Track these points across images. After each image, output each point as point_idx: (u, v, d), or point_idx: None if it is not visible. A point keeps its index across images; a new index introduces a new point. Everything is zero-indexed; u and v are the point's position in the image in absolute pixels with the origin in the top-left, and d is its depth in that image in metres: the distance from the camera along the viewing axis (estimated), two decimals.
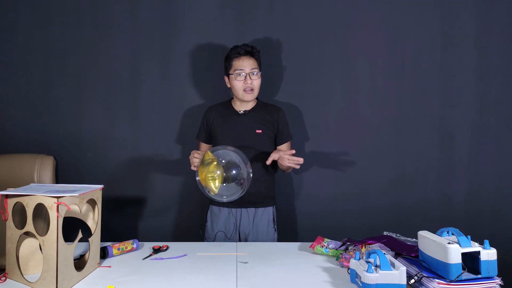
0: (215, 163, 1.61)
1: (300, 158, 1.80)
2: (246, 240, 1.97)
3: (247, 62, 1.93)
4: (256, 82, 1.95)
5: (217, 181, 1.61)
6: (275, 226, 2.03)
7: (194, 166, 1.78)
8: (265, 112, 2.01)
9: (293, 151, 1.81)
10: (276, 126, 2.00)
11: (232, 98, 2.06)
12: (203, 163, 1.64)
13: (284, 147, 2.02)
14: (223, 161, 1.63)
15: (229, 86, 2.01)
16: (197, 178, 1.68)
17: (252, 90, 1.94)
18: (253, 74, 1.93)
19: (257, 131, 1.95)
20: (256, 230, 1.97)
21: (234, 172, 1.63)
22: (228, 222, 1.98)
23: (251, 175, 1.70)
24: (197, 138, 2.08)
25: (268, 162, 1.82)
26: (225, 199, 1.70)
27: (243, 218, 1.97)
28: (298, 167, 1.83)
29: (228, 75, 1.98)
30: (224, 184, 1.62)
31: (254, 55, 1.97)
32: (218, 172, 1.62)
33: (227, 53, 1.99)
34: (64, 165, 2.24)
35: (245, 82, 1.92)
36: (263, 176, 1.96)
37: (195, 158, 1.78)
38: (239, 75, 1.93)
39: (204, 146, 2.07)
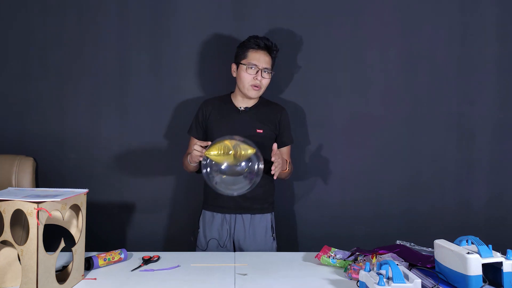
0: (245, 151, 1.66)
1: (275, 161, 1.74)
2: (240, 249, 1.97)
3: (264, 58, 1.93)
4: (265, 81, 1.94)
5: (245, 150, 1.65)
6: (274, 235, 2.02)
7: (195, 161, 1.77)
8: (267, 110, 2.01)
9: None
10: (278, 126, 2.00)
11: (233, 92, 2.05)
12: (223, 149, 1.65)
13: (283, 150, 2.02)
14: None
15: (234, 75, 1.99)
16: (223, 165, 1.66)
17: (259, 87, 1.93)
18: (265, 71, 1.93)
19: (258, 130, 1.94)
20: (252, 239, 1.97)
21: (244, 164, 1.65)
22: (221, 229, 1.98)
23: (262, 167, 1.70)
24: (189, 133, 2.05)
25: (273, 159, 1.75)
26: (235, 193, 1.73)
27: (237, 225, 1.98)
28: (276, 171, 1.76)
29: (238, 63, 1.97)
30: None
31: (272, 53, 1.97)
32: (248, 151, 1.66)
33: (244, 41, 1.97)
34: (45, 167, 2.24)
35: (255, 78, 1.92)
36: (261, 180, 1.95)
37: (196, 152, 1.72)
38: (251, 68, 1.92)
39: (195, 142, 2.05)
